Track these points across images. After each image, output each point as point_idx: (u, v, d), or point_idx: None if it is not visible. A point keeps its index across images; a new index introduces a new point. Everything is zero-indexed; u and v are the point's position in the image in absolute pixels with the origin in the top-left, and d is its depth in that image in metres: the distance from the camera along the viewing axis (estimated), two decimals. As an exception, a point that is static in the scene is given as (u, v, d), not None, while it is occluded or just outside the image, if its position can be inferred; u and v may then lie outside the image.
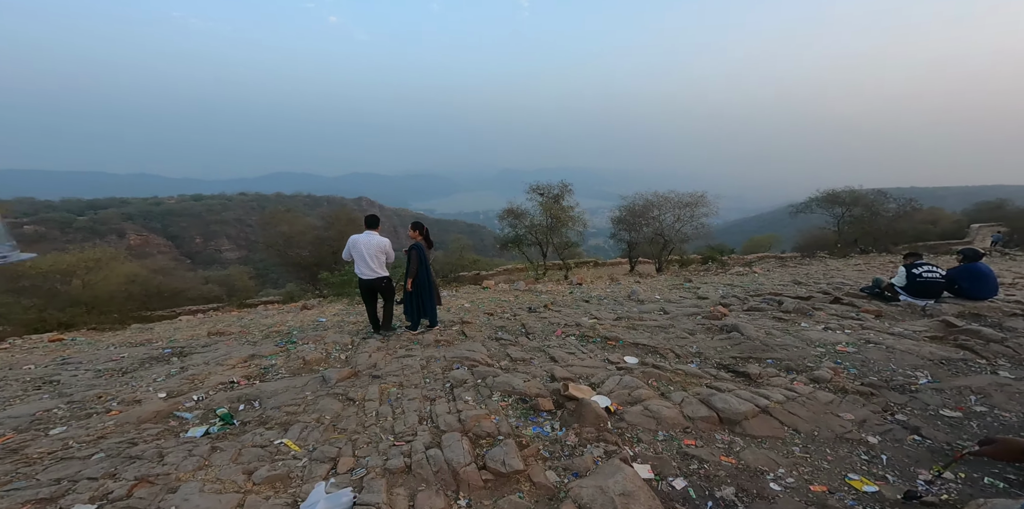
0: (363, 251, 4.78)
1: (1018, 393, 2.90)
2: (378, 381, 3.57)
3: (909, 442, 2.37)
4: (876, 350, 3.92)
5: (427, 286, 5.09)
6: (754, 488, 2.01)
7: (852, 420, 2.59)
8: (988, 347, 3.91)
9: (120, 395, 3.68)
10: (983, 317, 5.02)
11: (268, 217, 19.19)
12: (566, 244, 16.62)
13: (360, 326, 5.99)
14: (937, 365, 3.60)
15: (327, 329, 6.12)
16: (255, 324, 7.85)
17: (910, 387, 3.10)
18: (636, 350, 4.09)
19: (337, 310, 8.39)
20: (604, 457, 2.27)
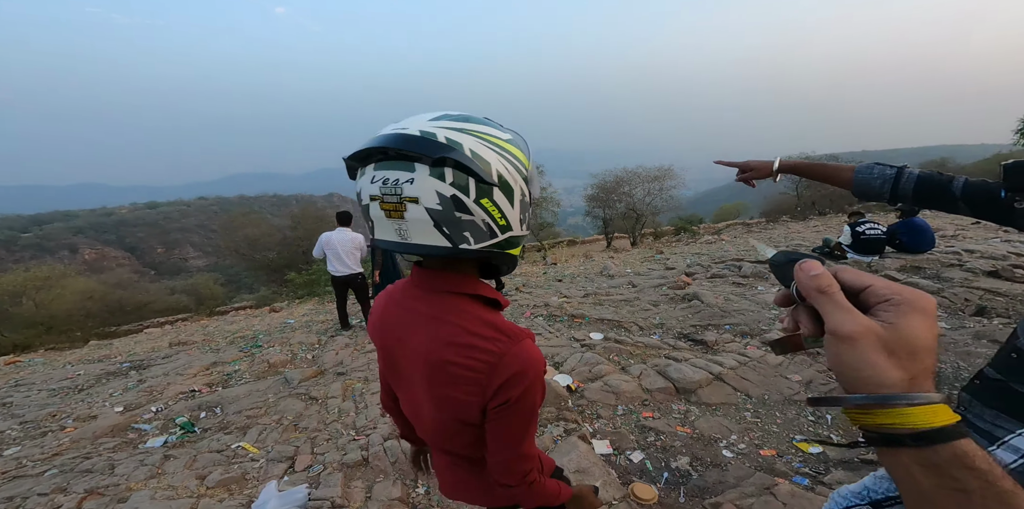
0: (337, 248, 4.68)
1: (952, 343, 3.09)
2: (342, 378, 3.51)
3: (852, 398, 2.49)
4: (827, 309, 4.11)
5: (396, 276, 5.02)
6: (707, 456, 2.08)
7: (799, 381, 2.70)
8: (927, 298, 4.14)
9: (75, 412, 3.53)
10: (923, 269, 5.30)
11: (229, 221, 18.44)
12: (541, 225, 16.66)
13: (329, 325, 5.87)
14: (882, 319, 3.79)
15: (295, 330, 5.97)
16: (219, 331, 7.60)
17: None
18: (601, 326, 4.14)
19: (306, 310, 8.19)
20: (564, 436, 2.30)
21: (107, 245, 54.89)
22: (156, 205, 71.53)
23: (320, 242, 4.73)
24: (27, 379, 5.52)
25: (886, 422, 0.32)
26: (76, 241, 52.52)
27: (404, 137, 0.58)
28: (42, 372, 6.08)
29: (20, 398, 4.39)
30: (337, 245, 4.67)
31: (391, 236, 0.63)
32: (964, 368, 2.76)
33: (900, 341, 0.32)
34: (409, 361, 0.74)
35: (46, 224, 57.06)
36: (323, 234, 4.76)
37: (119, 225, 60.92)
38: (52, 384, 4.90)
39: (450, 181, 0.57)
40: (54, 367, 6.58)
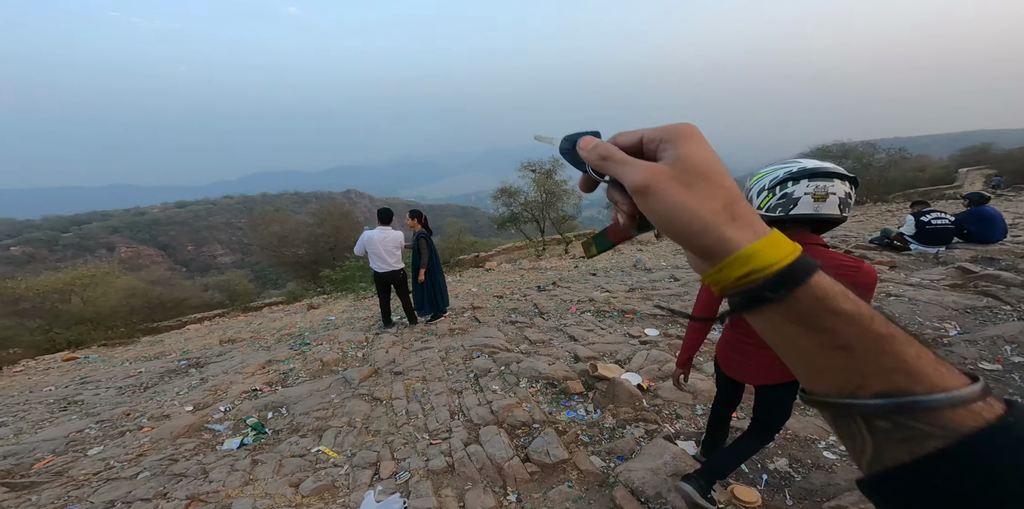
0: (379, 247, 4.71)
1: (1057, 340, 2.88)
2: (400, 377, 3.52)
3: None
4: (899, 303, 3.89)
5: (440, 274, 5.02)
6: (807, 458, 1.98)
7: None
8: (1010, 292, 3.87)
9: (148, 411, 3.64)
10: (996, 260, 4.99)
11: (258, 219, 18.84)
12: (563, 218, 16.53)
13: (371, 321, 5.93)
14: (963, 314, 3.57)
15: (338, 328, 6.06)
16: (265, 328, 7.79)
17: (942, 340, 3.07)
18: (655, 321, 4.04)
19: (344, 307, 8.32)
20: (646, 437, 2.24)
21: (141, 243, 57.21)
22: (185, 204, 73.91)
23: (362, 240, 4.75)
24: (91, 376, 5.76)
25: (740, 273, 0.30)
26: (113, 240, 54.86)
27: (839, 170, 1.27)
28: (104, 369, 6.35)
29: (90, 396, 4.58)
30: (379, 244, 4.68)
31: (809, 210, 1.27)
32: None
33: (688, 171, 0.31)
34: None
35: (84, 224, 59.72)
36: (365, 232, 4.77)
37: (152, 224, 63.28)
38: (118, 382, 5.10)
39: (848, 188, 1.27)
40: (113, 364, 6.86)
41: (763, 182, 1.35)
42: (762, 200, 1.35)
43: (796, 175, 1.27)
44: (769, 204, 1.32)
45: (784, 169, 1.32)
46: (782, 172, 1.31)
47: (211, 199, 77.08)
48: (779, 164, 1.37)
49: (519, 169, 16.57)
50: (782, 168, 1.33)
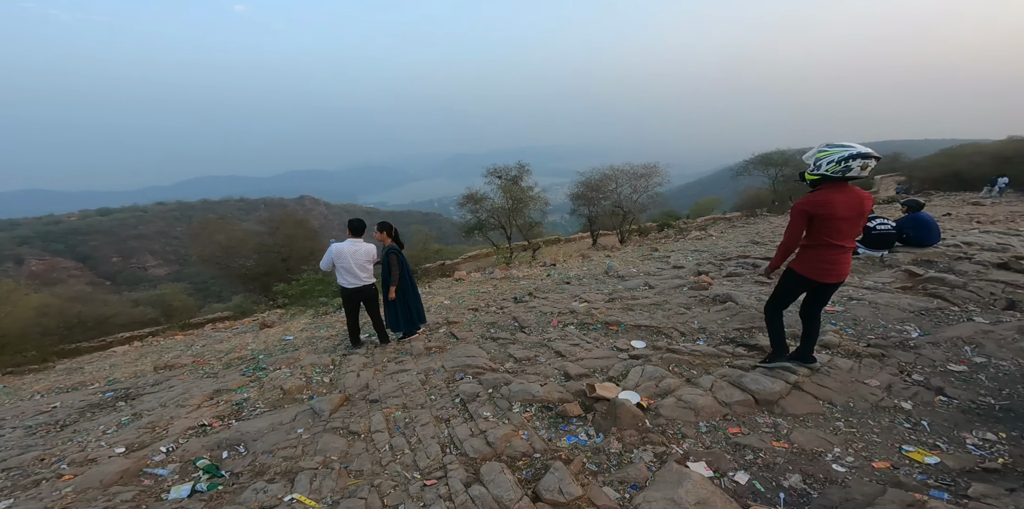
0: (350, 261, 4.35)
1: (1003, 339, 3.10)
2: (378, 406, 3.21)
3: (938, 404, 2.43)
4: (861, 307, 4.10)
5: (412, 290, 4.72)
6: (819, 472, 1.95)
7: (878, 386, 2.63)
8: (955, 293, 4.20)
9: (67, 454, 3.07)
10: (934, 263, 5.44)
11: (198, 227, 17.33)
12: (529, 224, 16.59)
13: (336, 341, 5.50)
14: (919, 316, 3.81)
15: (298, 349, 5.56)
16: (209, 351, 7.05)
17: (908, 343, 3.24)
18: (640, 333, 4.00)
19: (303, 324, 7.72)
20: (656, 461, 2.13)
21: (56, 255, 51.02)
22: (108, 212, 66.78)
23: (330, 253, 4.37)
24: (-7, 414, 4.89)
25: None
26: (22, 252, 48.50)
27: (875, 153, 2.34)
28: (9, 404, 5.43)
29: (-8, 438, 3.85)
30: (349, 257, 4.33)
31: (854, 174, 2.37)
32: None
33: None
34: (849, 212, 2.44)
35: (-16, 235, 52.48)
36: (333, 245, 4.40)
37: (69, 233, 56.63)
38: (26, 420, 4.34)
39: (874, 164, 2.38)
40: (20, 397, 5.91)
41: (832, 158, 2.38)
42: (830, 167, 2.40)
43: (855, 155, 2.32)
44: (835, 170, 2.38)
45: (848, 151, 2.34)
46: (846, 153, 2.34)
47: (141, 206, 70.29)
48: (838, 146, 2.40)
49: (485, 175, 16.48)
50: (846, 150, 2.35)
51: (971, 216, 11.14)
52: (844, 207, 2.41)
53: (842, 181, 2.42)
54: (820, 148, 2.48)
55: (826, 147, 2.45)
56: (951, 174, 21.53)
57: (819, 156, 2.43)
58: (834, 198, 2.40)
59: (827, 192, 2.44)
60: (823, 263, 2.54)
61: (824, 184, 2.47)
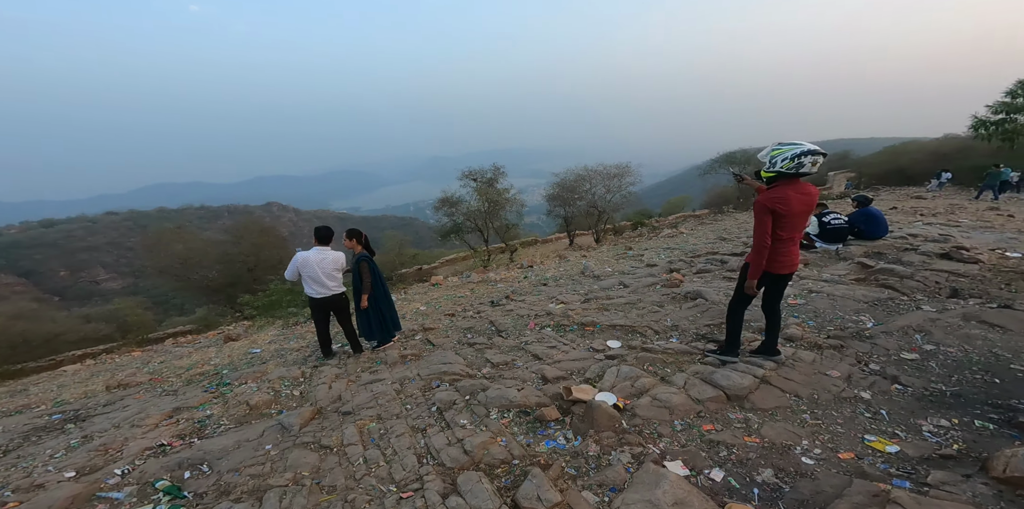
0: (316, 270, 4.20)
1: (949, 326, 3.31)
2: (351, 418, 3.11)
3: (895, 393, 2.56)
4: (820, 299, 4.29)
5: (385, 297, 4.61)
6: (790, 466, 2.01)
7: (839, 377, 2.75)
8: (904, 283, 4.46)
9: (11, 481, 2.83)
10: (884, 254, 5.77)
11: (153, 238, 16.40)
12: (506, 226, 16.61)
13: (307, 352, 5.30)
14: (873, 307, 4.02)
15: (266, 362, 5.33)
16: (168, 367, 6.66)
17: (864, 333, 3.40)
18: (615, 333, 4.05)
19: (271, 336, 7.41)
20: (634, 462, 2.14)
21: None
22: (53, 223, 62.17)
23: (295, 263, 4.22)
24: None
25: None
26: (-46, 269, 44.70)
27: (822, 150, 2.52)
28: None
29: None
30: (316, 266, 4.19)
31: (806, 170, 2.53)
32: (971, 351, 2.95)
33: None
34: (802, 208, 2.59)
35: (-91, 251, 48.00)
36: (299, 254, 4.25)
37: (10, 247, 52.53)
38: (-37, 449, 3.97)
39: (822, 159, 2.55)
40: (-45, 427, 5.40)
41: (785, 156, 2.52)
42: (784, 165, 2.54)
43: (805, 152, 2.48)
44: (789, 166, 2.52)
45: (799, 149, 2.50)
46: (798, 150, 2.49)
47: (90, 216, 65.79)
48: (789, 144, 2.55)
49: (460, 178, 16.40)
50: (797, 148, 2.51)
51: (915, 209, 11.88)
52: (798, 202, 2.55)
53: (795, 177, 2.58)
54: (773, 147, 2.60)
55: (779, 145, 2.59)
56: (895, 170, 22.99)
57: (774, 154, 2.56)
58: (789, 194, 2.55)
59: (783, 188, 2.57)
60: (778, 255, 2.69)
61: (779, 181, 2.60)
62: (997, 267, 4.80)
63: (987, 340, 3.07)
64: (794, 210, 2.55)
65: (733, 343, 3.02)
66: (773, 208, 2.53)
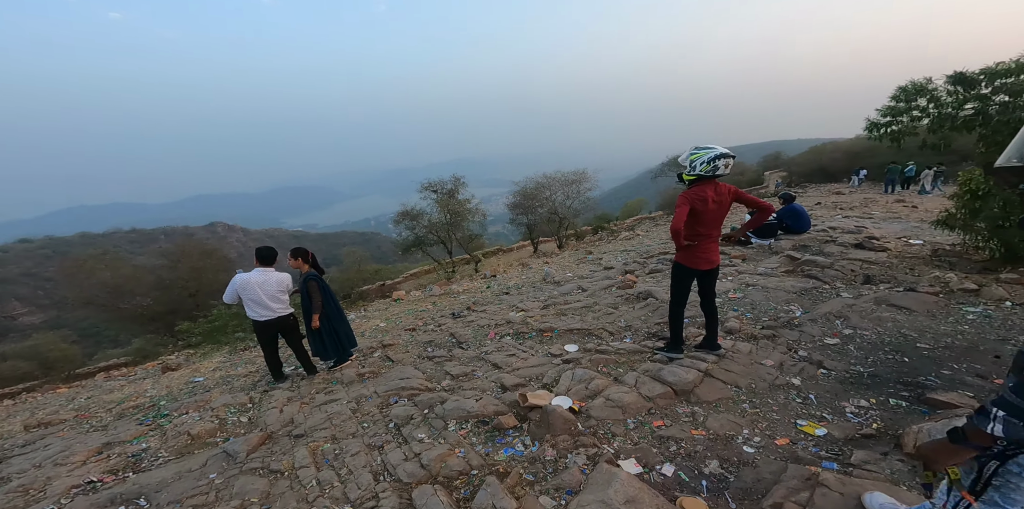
0: (259, 293, 4.00)
1: (864, 311, 3.66)
2: (303, 441, 2.98)
3: (820, 377, 2.79)
4: (756, 292, 4.61)
5: (339, 316, 4.47)
6: (733, 456, 2.13)
7: (773, 365, 2.96)
8: (825, 273, 4.88)
9: None
10: (809, 247, 6.29)
11: (71, 266, 14.90)
12: (470, 237, 16.57)
13: (257, 377, 5.02)
14: (801, 296, 4.36)
15: (210, 390, 4.99)
16: (96, 402, 6.07)
17: (794, 322, 3.69)
18: (573, 336, 4.14)
19: (216, 363, 6.93)
20: (589, 464, 2.20)
21: None
22: (-46, 254, 55.06)
23: (234, 285, 4.00)
24: None
25: None
26: None
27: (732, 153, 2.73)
28: None
29: None
30: (258, 288, 4.00)
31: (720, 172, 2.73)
32: (883, 333, 3.27)
33: None
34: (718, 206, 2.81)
35: None
36: (238, 275, 4.04)
37: (-100, 284, 45.97)
38: None
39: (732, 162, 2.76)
40: None
41: (703, 159, 2.71)
42: (703, 168, 2.71)
43: (719, 156, 2.67)
44: (707, 169, 2.71)
45: (713, 153, 2.68)
46: (713, 154, 2.68)
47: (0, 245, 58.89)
48: (705, 148, 2.73)
49: (420, 190, 16.27)
50: (711, 152, 2.69)
51: (836, 204, 13.04)
52: (714, 201, 2.77)
53: (712, 179, 2.78)
54: (691, 151, 2.78)
55: (696, 150, 2.77)
56: (818, 169, 25.19)
57: (692, 158, 2.75)
58: (708, 193, 2.77)
59: (702, 188, 2.78)
60: (699, 252, 2.90)
61: (699, 182, 2.80)
62: (903, 254, 5.36)
63: (896, 322, 3.42)
64: (710, 207, 2.76)
65: (677, 340, 3.18)
66: (692, 204, 2.73)
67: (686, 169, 2.80)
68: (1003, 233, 4.56)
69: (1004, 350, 2.89)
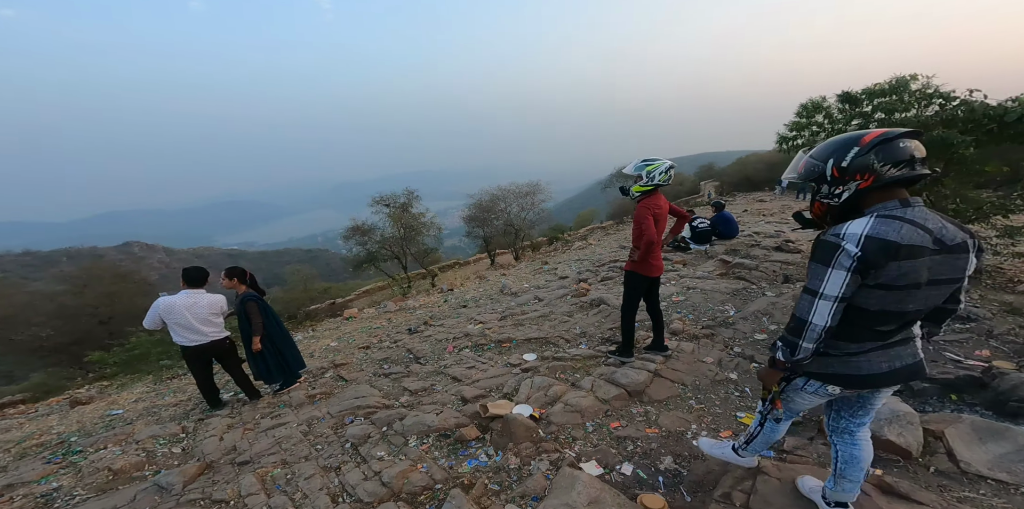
0: (187, 317, 3.69)
1: (785, 308, 4.07)
2: (249, 467, 2.79)
3: (753, 370, 3.07)
4: (696, 294, 4.97)
5: (282, 337, 4.23)
6: (684, 450, 2.28)
7: (713, 362, 3.21)
8: (752, 274, 5.38)
9: None
10: (738, 251, 6.89)
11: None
12: (425, 252, 16.25)
13: (190, 406, 4.60)
14: (734, 297, 4.77)
15: (131, 423, 4.49)
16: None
17: (728, 321, 4.03)
18: (531, 346, 4.21)
19: (138, 394, 6.24)
20: (553, 469, 2.26)
21: None
22: None
23: (156, 310, 3.66)
24: None
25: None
26: None
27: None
28: None
29: None
30: (185, 312, 3.69)
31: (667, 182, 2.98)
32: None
33: None
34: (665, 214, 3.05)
35: None
36: (161, 299, 3.70)
37: None
38: None
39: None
40: None
41: (659, 169, 2.90)
42: (661, 177, 2.90)
43: (670, 166, 2.91)
44: (664, 179, 2.91)
45: (666, 164, 2.91)
46: (666, 165, 2.91)
47: None
48: (655, 160, 2.92)
49: (371, 204, 15.77)
50: (664, 163, 2.92)
51: (759, 211, 14.39)
52: (663, 210, 2.99)
53: (657, 189, 2.97)
54: (645, 163, 2.92)
55: (647, 162, 2.92)
56: (744, 178, 27.68)
57: (650, 169, 2.90)
58: (660, 203, 2.97)
59: (655, 198, 2.95)
60: (651, 259, 3.06)
61: (651, 193, 2.96)
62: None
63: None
64: (663, 216, 3.00)
65: (628, 344, 3.35)
66: (653, 214, 2.91)
67: (643, 180, 2.91)
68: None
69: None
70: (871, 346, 1.32)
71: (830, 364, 1.36)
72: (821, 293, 1.24)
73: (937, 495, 1.73)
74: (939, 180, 5.11)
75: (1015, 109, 4.57)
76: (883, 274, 1.17)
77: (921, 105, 5.38)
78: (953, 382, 2.60)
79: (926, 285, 1.20)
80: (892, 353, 1.33)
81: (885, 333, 1.30)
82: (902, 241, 1.14)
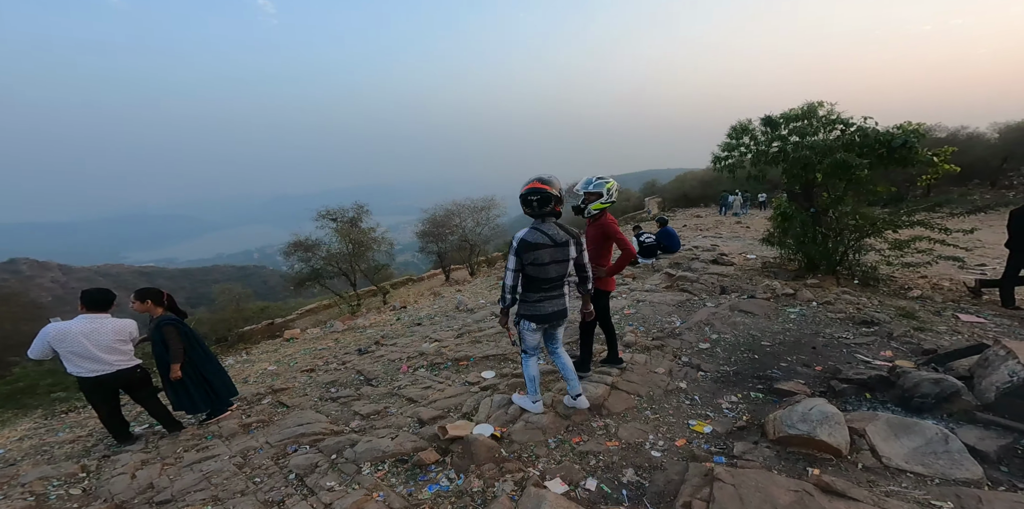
0: (85, 344, 3.22)
1: (724, 317, 4.39)
2: (171, 506, 2.47)
3: (700, 379, 3.25)
4: (646, 307, 5.21)
5: (209, 362, 3.82)
6: (644, 462, 2.34)
7: (664, 372, 3.36)
8: (694, 286, 5.75)
9: None
10: (680, 264, 7.36)
11: None
12: (376, 268, 15.54)
13: (90, 442, 3.98)
14: (679, 308, 5.06)
15: (16, 463, 3.80)
16: None
17: (676, 331, 4.26)
18: (488, 363, 4.16)
19: (23, 432, 5.30)
20: (518, 489, 2.22)
21: None
22: None
23: (44, 338, 3.19)
24: None
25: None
26: None
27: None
28: None
29: None
30: (83, 339, 3.23)
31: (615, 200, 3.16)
32: (739, 335, 3.96)
33: None
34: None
35: None
36: (50, 325, 3.23)
37: None
38: None
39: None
40: None
41: (614, 187, 3.08)
42: (616, 195, 3.09)
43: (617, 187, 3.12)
44: (617, 196, 3.11)
45: (616, 182, 3.09)
46: (616, 183, 3.09)
47: None
48: (606, 178, 3.06)
49: (316, 219, 14.86)
50: (614, 181, 3.09)
51: (696, 226, 15.54)
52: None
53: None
54: (597, 181, 3.03)
55: (601, 180, 3.03)
56: (682, 195, 29.77)
57: (608, 187, 3.02)
58: (614, 219, 3.11)
59: (608, 214, 3.07)
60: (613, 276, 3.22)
61: (607, 209, 3.08)
62: (743, 266, 6.59)
63: (746, 324, 4.18)
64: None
65: (586, 359, 3.41)
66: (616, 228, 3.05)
67: (603, 197, 3.01)
68: (805, 248, 5.95)
69: (817, 342, 3.74)
70: (540, 296, 2.47)
71: (527, 308, 2.49)
72: (507, 268, 2.43)
73: (868, 491, 1.92)
74: (840, 198, 5.86)
75: (900, 135, 5.39)
76: (528, 257, 2.36)
77: (827, 130, 6.16)
78: (867, 381, 2.92)
79: (551, 263, 2.39)
80: (553, 302, 2.52)
81: (546, 289, 2.47)
82: (532, 240, 2.35)
